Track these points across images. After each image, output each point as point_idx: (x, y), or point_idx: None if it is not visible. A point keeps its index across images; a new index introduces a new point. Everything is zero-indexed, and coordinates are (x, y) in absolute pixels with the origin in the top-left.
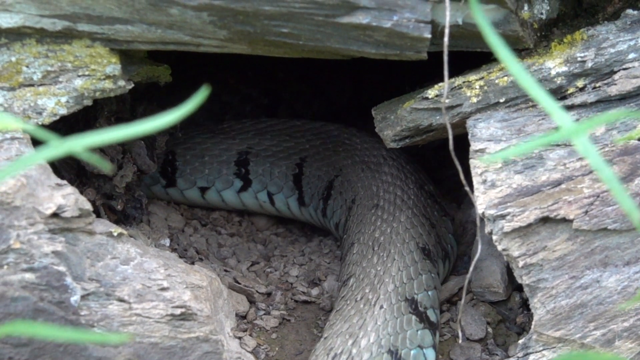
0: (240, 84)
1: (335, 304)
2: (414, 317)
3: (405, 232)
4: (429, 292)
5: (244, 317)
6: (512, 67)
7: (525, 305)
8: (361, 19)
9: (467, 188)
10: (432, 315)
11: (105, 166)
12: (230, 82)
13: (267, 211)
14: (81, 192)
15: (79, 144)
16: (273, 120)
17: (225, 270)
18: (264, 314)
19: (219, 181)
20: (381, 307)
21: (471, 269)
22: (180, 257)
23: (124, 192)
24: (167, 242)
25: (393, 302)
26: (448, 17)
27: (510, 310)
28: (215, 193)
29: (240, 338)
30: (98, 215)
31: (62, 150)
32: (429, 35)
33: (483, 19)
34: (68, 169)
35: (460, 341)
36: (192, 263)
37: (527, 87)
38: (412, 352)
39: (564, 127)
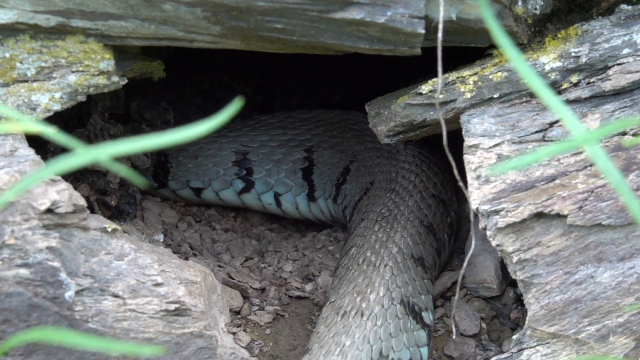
0: (234, 82)
1: (337, 272)
2: (420, 268)
3: (411, 213)
4: (433, 257)
5: (238, 313)
6: (516, 63)
7: (519, 300)
8: (355, 14)
9: (460, 183)
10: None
11: (139, 181)
12: (223, 80)
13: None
14: (75, 188)
15: (105, 152)
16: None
17: (219, 266)
18: (258, 310)
19: (215, 182)
20: (386, 265)
21: (465, 264)
22: (174, 252)
23: (117, 188)
24: (160, 237)
25: (399, 261)
26: (442, 12)
27: (504, 306)
28: (211, 192)
29: (234, 333)
30: (92, 211)
31: (87, 158)
32: (423, 31)
33: (488, 13)
34: None
35: (454, 336)
36: (186, 259)
37: (530, 81)
38: (422, 296)
39: (577, 136)
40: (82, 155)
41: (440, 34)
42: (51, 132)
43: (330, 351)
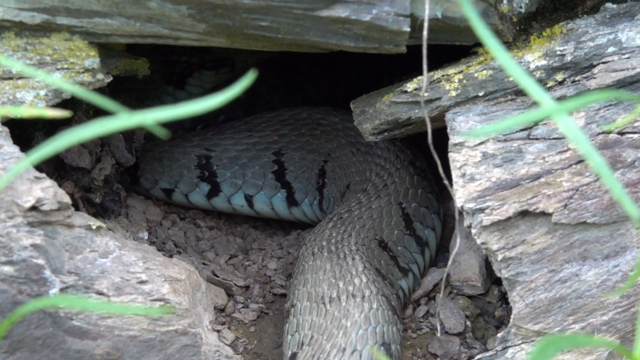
0: None
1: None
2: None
3: (369, 218)
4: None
5: (223, 310)
6: (501, 59)
7: (504, 298)
8: (340, 12)
9: (445, 182)
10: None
11: (161, 132)
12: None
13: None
14: (60, 185)
15: (85, 133)
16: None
17: (204, 264)
18: (242, 307)
19: (181, 184)
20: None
21: (449, 262)
22: (159, 250)
23: (102, 185)
24: (145, 235)
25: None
26: (427, 11)
27: (489, 304)
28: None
29: (218, 331)
30: (77, 208)
31: (70, 140)
32: (408, 29)
33: (472, 12)
34: (47, 162)
35: (438, 334)
36: (171, 256)
37: (516, 75)
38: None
39: (546, 106)
40: (65, 139)
41: (425, 33)
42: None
43: (333, 334)
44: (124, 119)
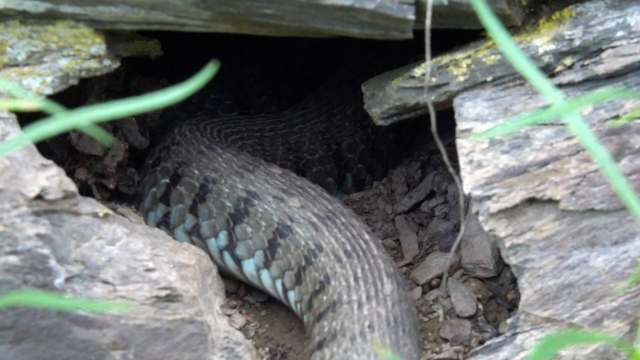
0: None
1: None
2: None
3: None
4: None
5: (234, 294)
6: (506, 48)
7: (516, 281)
8: (344, 0)
9: (451, 169)
10: None
11: (106, 139)
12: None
13: None
14: (73, 171)
15: (85, 117)
16: None
17: None
18: (254, 291)
19: None
20: None
21: (453, 249)
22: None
23: (115, 171)
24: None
25: None
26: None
27: (501, 287)
28: None
29: (229, 315)
30: (90, 194)
31: (67, 123)
32: (413, 17)
33: None
34: (60, 147)
35: (440, 319)
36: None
37: (521, 66)
38: None
39: (555, 105)
40: (62, 120)
41: (428, 22)
42: (50, 108)
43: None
44: (59, 122)
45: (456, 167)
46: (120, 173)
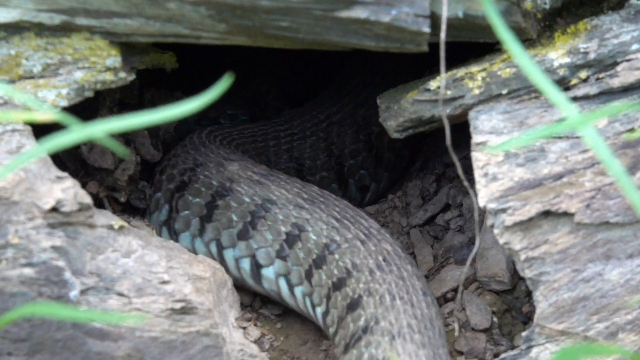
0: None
1: None
2: None
3: None
4: None
5: (249, 306)
6: (521, 61)
7: (531, 294)
8: (359, 13)
9: (466, 182)
10: None
11: (122, 152)
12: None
13: None
14: (85, 183)
15: (100, 129)
16: None
17: None
18: (269, 303)
19: None
20: None
21: (468, 262)
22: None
23: (126, 184)
24: None
25: None
26: (445, 12)
27: (516, 300)
28: None
29: (244, 328)
30: (102, 207)
31: (82, 135)
32: (428, 30)
33: (492, 11)
34: (72, 160)
35: (456, 333)
36: None
37: (536, 79)
38: None
39: (570, 118)
40: (77, 132)
41: (443, 35)
42: (66, 120)
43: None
44: (74, 134)
45: (471, 180)
46: (132, 186)
